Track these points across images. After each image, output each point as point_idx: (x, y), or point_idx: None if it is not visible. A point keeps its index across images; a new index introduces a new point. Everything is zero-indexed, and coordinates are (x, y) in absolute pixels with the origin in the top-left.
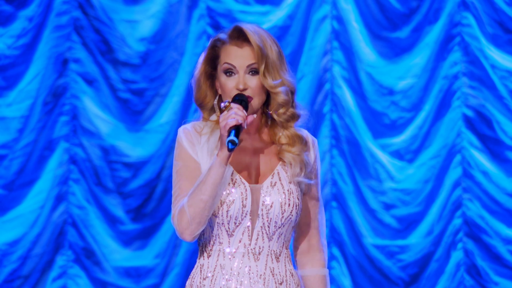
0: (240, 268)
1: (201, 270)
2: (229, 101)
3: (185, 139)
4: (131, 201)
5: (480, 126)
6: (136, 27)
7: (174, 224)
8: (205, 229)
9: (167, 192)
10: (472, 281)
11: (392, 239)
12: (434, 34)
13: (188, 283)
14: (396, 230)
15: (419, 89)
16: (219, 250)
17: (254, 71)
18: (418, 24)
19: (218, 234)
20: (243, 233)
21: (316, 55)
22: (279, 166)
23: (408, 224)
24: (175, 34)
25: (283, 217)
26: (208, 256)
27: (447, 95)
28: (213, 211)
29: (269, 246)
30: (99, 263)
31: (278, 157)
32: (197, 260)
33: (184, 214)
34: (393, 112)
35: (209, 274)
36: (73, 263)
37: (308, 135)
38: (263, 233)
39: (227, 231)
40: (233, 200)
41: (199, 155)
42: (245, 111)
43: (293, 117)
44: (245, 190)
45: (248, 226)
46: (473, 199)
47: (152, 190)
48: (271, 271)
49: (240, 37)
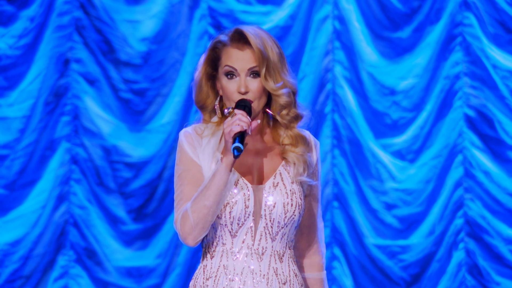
0: (243, 268)
1: (204, 271)
2: (232, 108)
3: (186, 142)
4: (133, 201)
5: (482, 126)
6: (138, 27)
7: (177, 229)
8: (208, 231)
9: (169, 192)
10: (473, 281)
11: (393, 239)
12: (435, 34)
13: (191, 283)
14: (397, 230)
15: (421, 89)
16: (223, 250)
17: (255, 74)
18: (419, 24)
19: (221, 235)
20: (246, 233)
21: (318, 55)
22: (281, 167)
23: (410, 224)
24: (177, 34)
25: (286, 217)
26: (211, 257)
27: (448, 95)
28: None
29: (272, 246)
30: (101, 263)
31: (280, 158)
32: (200, 260)
33: (187, 220)
34: (395, 112)
35: (212, 275)
36: (75, 263)
37: (310, 137)
38: (266, 234)
39: (230, 232)
40: (236, 201)
41: (200, 158)
42: (249, 117)
43: (296, 118)
44: (248, 191)
45: (251, 226)
46: (475, 199)
47: (153, 190)
48: (274, 271)
49: (241, 39)
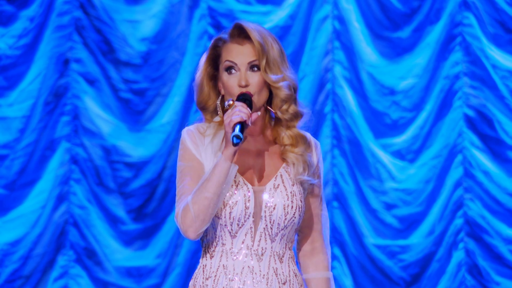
0: (243, 268)
1: (203, 270)
2: (233, 100)
3: (189, 140)
4: (133, 201)
5: (481, 126)
6: (138, 27)
7: (177, 222)
8: (208, 230)
9: (169, 192)
10: (473, 281)
11: (393, 239)
12: (435, 34)
13: (191, 283)
14: (397, 230)
15: (420, 89)
16: (222, 251)
17: (256, 68)
18: (419, 24)
19: (221, 236)
20: (245, 234)
21: (318, 55)
22: (282, 168)
23: (409, 224)
24: (177, 34)
25: (286, 219)
26: (211, 257)
27: (448, 95)
28: (216, 212)
29: (272, 247)
30: (101, 263)
31: (281, 159)
32: (200, 260)
33: (188, 212)
34: (394, 112)
35: (212, 274)
36: (75, 263)
37: (311, 138)
38: (265, 235)
39: (229, 232)
40: (236, 201)
41: (203, 156)
42: (249, 109)
43: (296, 116)
44: (248, 192)
45: (251, 227)
46: (474, 199)
47: (153, 190)
48: (274, 271)
49: (241, 34)
